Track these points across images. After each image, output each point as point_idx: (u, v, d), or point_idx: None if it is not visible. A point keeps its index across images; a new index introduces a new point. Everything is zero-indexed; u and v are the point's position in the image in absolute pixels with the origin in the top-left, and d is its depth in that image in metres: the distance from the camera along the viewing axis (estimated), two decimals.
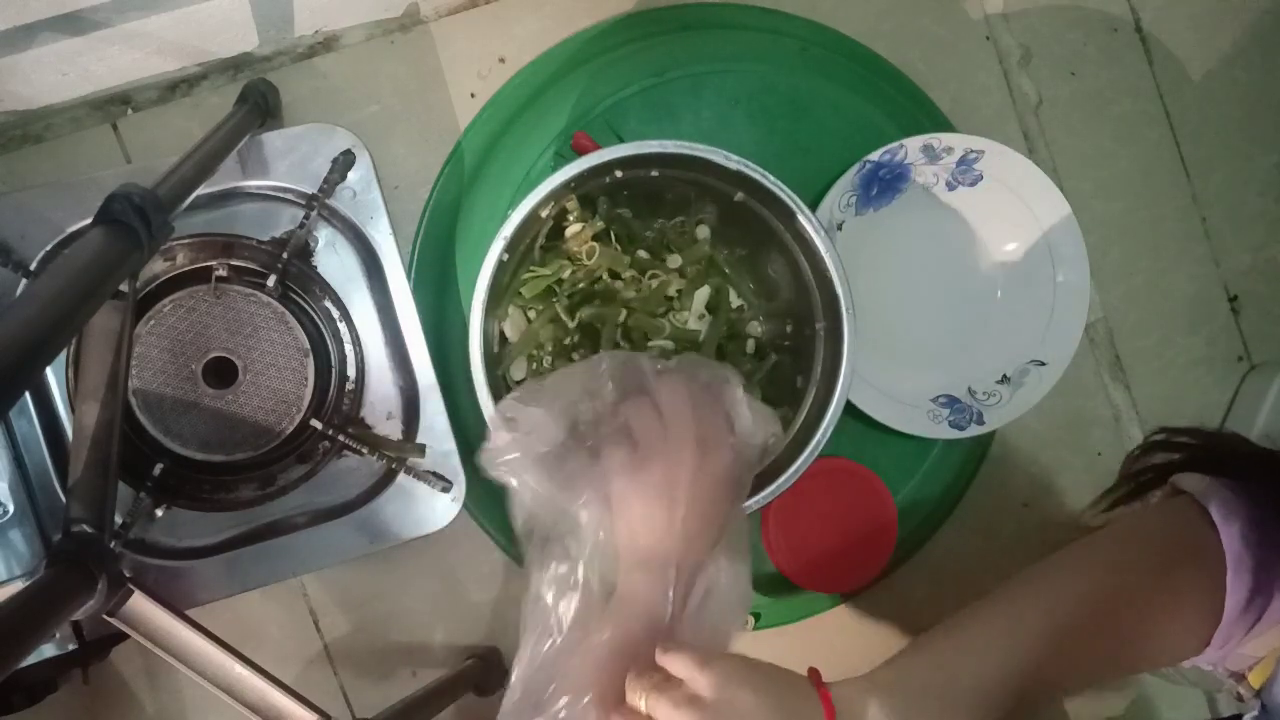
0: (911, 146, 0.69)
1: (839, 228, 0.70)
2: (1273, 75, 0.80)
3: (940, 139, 0.69)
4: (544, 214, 0.61)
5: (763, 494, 0.58)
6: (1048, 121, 0.78)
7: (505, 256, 0.58)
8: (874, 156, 0.69)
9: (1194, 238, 0.80)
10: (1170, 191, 0.80)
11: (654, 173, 0.60)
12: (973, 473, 0.76)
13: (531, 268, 0.63)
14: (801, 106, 0.72)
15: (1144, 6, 0.79)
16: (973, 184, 0.71)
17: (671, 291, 0.66)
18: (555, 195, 0.58)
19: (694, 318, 0.67)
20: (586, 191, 0.62)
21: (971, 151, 0.70)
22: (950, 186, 0.72)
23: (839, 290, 0.59)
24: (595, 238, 0.64)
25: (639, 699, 0.43)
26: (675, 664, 0.44)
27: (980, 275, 0.74)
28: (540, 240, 0.63)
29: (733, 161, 0.58)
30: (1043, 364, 0.72)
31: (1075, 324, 0.72)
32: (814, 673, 0.44)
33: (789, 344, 0.66)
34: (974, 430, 0.71)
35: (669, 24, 0.73)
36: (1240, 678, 0.47)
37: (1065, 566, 0.48)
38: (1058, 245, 0.72)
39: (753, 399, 0.52)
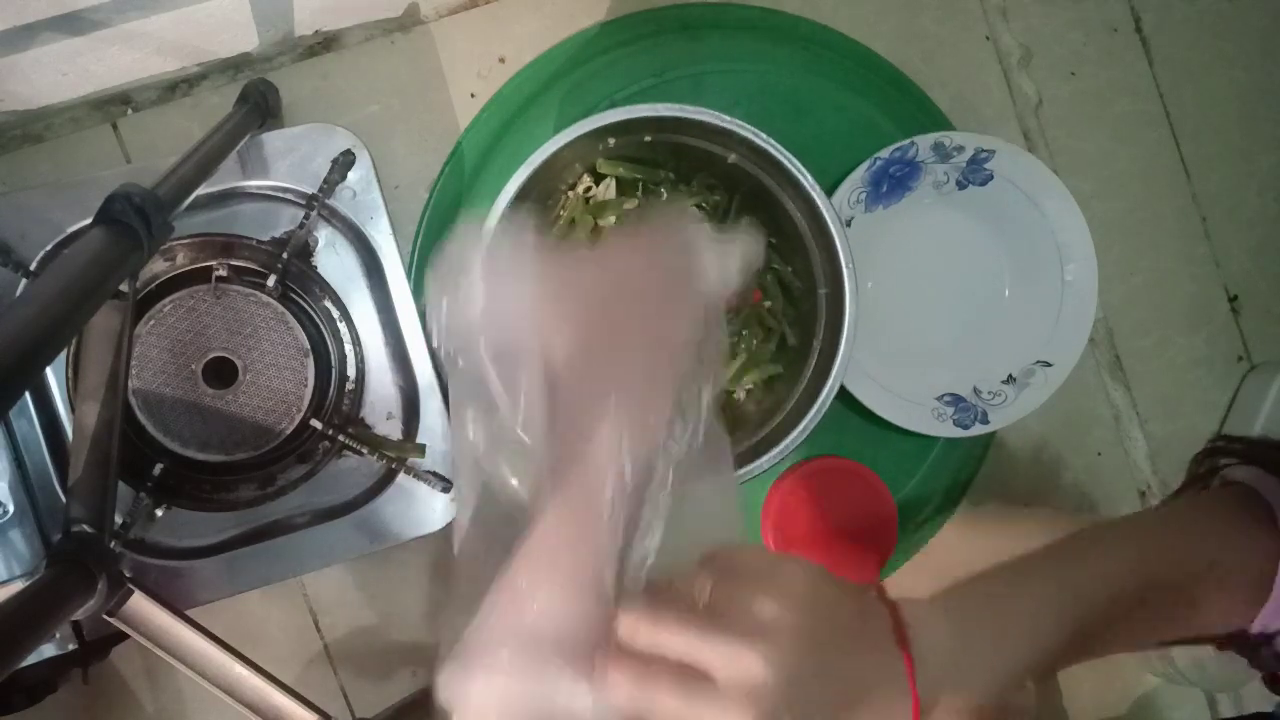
0: (922, 144, 0.69)
1: (848, 224, 0.70)
2: (1273, 75, 0.80)
3: (951, 137, 0.69)
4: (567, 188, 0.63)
5: (765, 458, 0.59)
6: (1048, 121, 0.78)
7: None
8: (884, 154, 0.69)
9: (1194, 238, 0.80)
10: (1170, 191, 0.80)
11: (647, 138, 0.61)
12: (973, 473, 0.76)
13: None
14: (802, 106, 0.72)
15: (1144, 6, 0.79)
16: (983, 183, 0.71)
17: None
18: (558, 162, 0.59)
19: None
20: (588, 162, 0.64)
21: (982, 151, 0.70)
22: (961, 185, 0.72)
23: (838, 245, 0.59)
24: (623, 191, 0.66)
25: (705, 586, 0.40)
26: (750, 554, 0.42)
27: (988, 274, 0.74)
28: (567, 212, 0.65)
29: (725, 121, 0.58)
30: (1049, 365, 0.72)
31: (1082, 326, 0.72)
32: (880, 587, 0.45)
33: (794, 310, 0.67)
34: (978, 429, 0.71)
35: (669, 24, 0.73)
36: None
37: (1122, 536, 0.48)
38: (1066, 246, 0.72)
39: (714, 236, 0.46)
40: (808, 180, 0.60)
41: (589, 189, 0.65)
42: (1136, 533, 0.49)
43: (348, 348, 0.66)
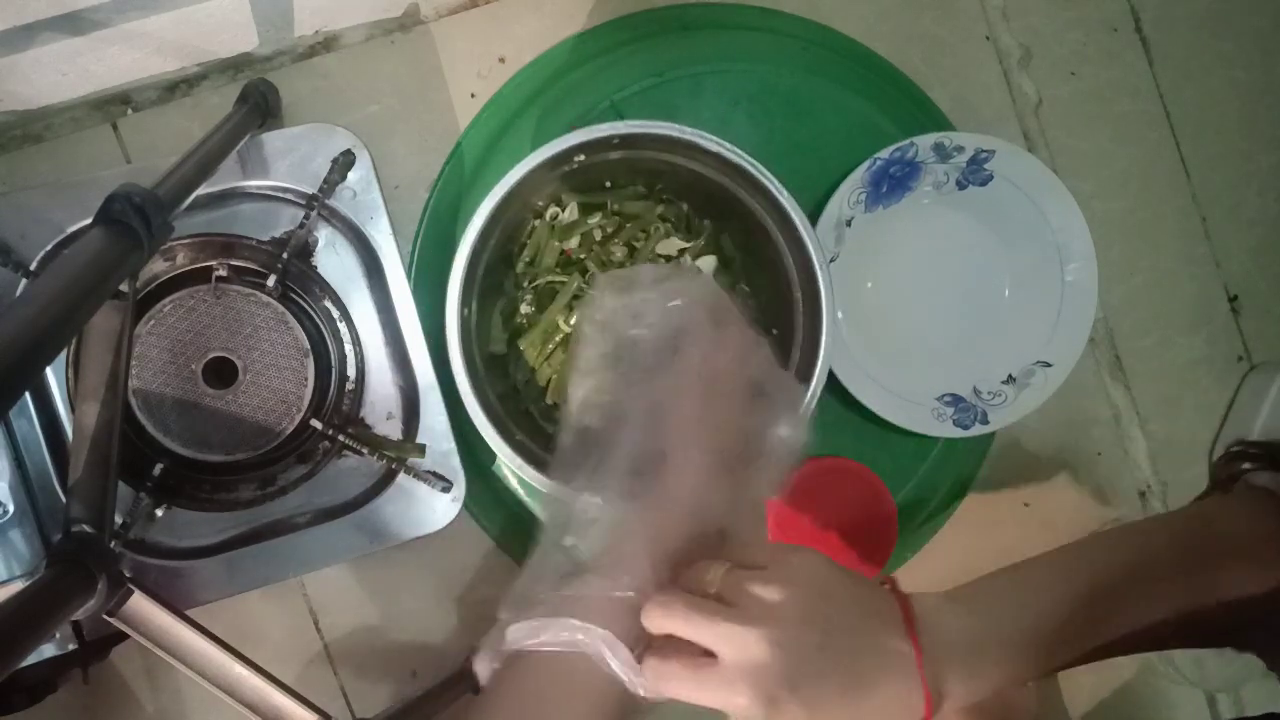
0: (923, 145, 0.69)
1: (848, 224, 0.70)
2: (1273, 75, 0.80)
3: (952, 138, 0.69)
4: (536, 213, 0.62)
5: None
6: (1048, 121, 0.78)
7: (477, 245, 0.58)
8: (884, 154, 0.69)
9: (1194, 238, 0.80)
10: (1170, 191, 0.80)
11: (613, 155, 0.61)
12: (973, 473, 0.76)
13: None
14: (801, 106, 0.72)
15: (1144, 6, 0.79)
16: (983, 183, 0.71)
17: (673, 251, 0.67)
18: (526, 185, 0.58)
19: None
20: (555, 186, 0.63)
21: (983, 151, 0.70)
22: (961, 185, 0.72)
23: (810, 248, 0.59)
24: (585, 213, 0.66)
25: (715, 574, 0.43)
26: (756, 546, 0.44)
27: (988, 275, 0.74)
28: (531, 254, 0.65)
29: (686, 134, 0.58)
30: (1049, 365, 0.72)
31: (1082, 326, 0.72)
32: (892, 580, 0.45)
33: (771, 318, 0.66)
34: (978, 430, 0.71)
35: (669, 24, 0.72)
36: None
37: (1137, 533, 0.48)
38: (1066, 246, 0.72)
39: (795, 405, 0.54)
40: (775, 185, 0.59)
41: (555, 216, 0.66)
42: (1152, 531, 0.48)
43: (348, 348, 0.66)
